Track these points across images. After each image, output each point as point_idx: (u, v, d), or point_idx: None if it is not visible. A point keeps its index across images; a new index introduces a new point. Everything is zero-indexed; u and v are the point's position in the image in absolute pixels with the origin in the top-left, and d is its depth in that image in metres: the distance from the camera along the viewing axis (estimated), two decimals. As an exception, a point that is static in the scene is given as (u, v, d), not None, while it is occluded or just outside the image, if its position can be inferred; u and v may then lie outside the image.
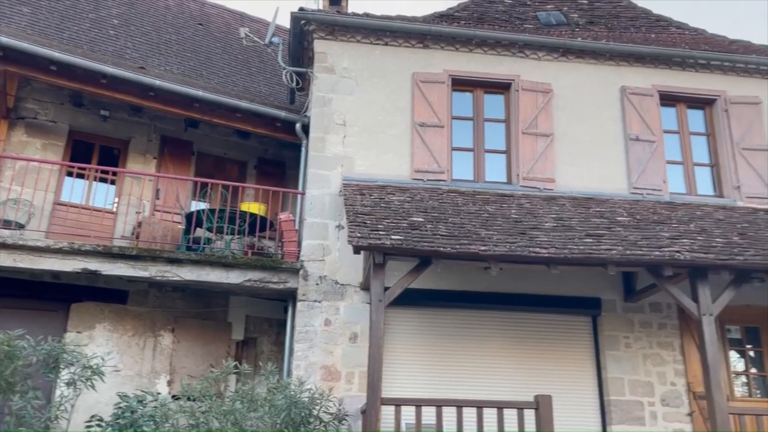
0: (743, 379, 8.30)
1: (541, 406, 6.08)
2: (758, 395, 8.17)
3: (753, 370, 8.32)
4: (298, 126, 9.06)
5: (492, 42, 9.20)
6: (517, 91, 9.06)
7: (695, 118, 9.39)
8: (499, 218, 7.40)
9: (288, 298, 8.19)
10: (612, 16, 10.89)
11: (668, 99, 9.30)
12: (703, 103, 9.39)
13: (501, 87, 9.18)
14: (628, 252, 6.50)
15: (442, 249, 6.34)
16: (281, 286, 7.93)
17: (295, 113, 9.44)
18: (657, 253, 6.51)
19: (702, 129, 9.37)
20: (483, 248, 6.40)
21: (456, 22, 9.70)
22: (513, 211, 7.76)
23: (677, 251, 6.51)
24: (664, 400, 7.72)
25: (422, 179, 8.52)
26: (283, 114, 9.34)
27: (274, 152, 10.43)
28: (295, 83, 9.79)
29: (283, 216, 8.30)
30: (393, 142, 8.64)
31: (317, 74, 8.86)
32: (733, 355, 8.36)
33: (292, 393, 6.24)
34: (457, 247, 6.40)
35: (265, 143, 10.31)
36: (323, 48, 8.98)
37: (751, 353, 8.40)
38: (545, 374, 7.79)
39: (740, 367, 8.36)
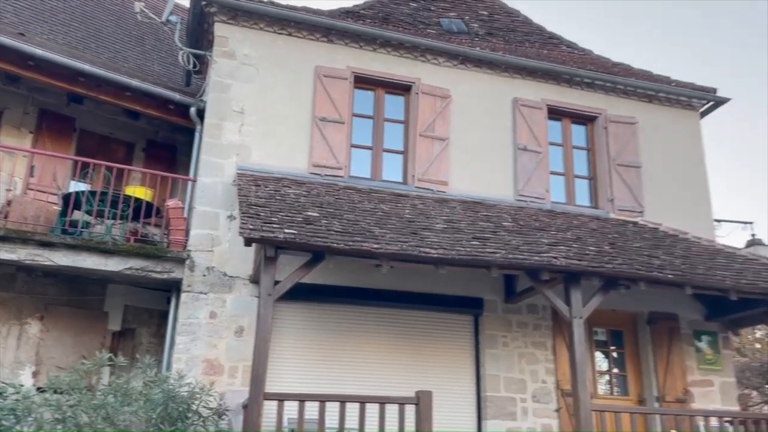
0: (607, 378, 8.99)
1: (422, 402, 6.25)
2: (618, 394, 8.88)
3: (615, 371, 9.03)
4: (192, 110, 8.73)
5: (395, 43, 9.33)
6: (417, 93, 9.25)
7: (578, 133, 10.03)
8: (393, 217, 7.52)
9: (172, 288, 7.88)
10: (509, 29, 11.38)
11: (555, 113, 9.87)
12: (585, 119, 10.05)
13: (402, 88, 9.34)
14: (510, 256, 6.83)
15: (335, 245, 6.36)
16: (165, 276, 7.62)
17: (191, 96, 9.08)
18: (536, 258, 6.89)
19: (583, 143, 10.02)
20: (376, 246, 6.48)
21: (361, 20, 9.74)
22: (407, 211, 7.92)
23: (554, 257, 6.93)
24: (535, 397, 8.20)
25: (320, 174, 8.50)
26: (177, 96, 8.96)
27: (165, 135, 9.97)
28: (192, 65, 9.43)
29: (171, 203, 7.97)
30: (292, 134, 8.55)
31: (216, 58, 8.59)
32: (599, 356, 9.03)
33: (171, 387, 6.03)
34: (351, 243, 6.44)
35: (155, 125, 9.83)
36: (224, 32, 8.72)
37: (615, 354, 9.11)
38: (429, 371, 8.02)
39: (604, 367, 9.04)
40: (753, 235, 12.21)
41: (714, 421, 7.26)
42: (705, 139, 10.33)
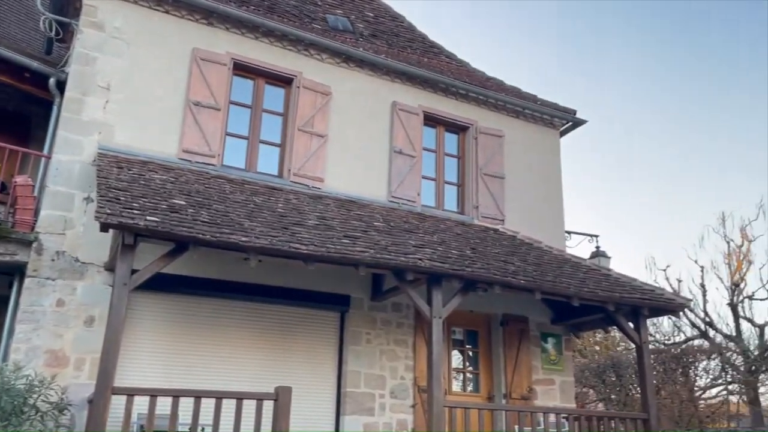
0: (462, 375, 9.46)
1: (281, 398, 6.23)
2: (470, 391, 9.38)
3: (470, 368, 9.53)
4: (51, 81, 8.06)
5: (279, 34, 9.20)
6: (299, 87, 9.19)
7: (450, 141, 10.46)
8: (265, 210, 7.42)
9: (15, 272, 7.24)
10: (393, 33, 11.62)
11: (431, 120, 10.23)
12: (458, 128, 10.50)
13: (283, 81, 9.23)
14: (378, 255, 6.99)
15: (201, 236, 6.16)
16: (7, 258, 6.98)
17: (51, 66, 8.35)
18: (403, 258, 7.10)
19: (455, 151, 10.47)
20: (244, 239, 6.36)
21: (245, 6, 9.48)
22: (280, 205, 7.85)
23: (419, 258, 7.19)
24: (393, 393, 8.45)
25: (190, 160, 8.19)
26: (34, 64, 8.22)
27: (18, 106, 9.11)
28: (54, 33, 8.69)
29: (19, 179, 7.31)
30: (162, 116, 8.17)
31: (83, 28, 8.00)
32: (455, 354, 9.48)
33: (6, 379, 5.57)
34: (218, 235, 6.27)
35: (8, 94, 8.93)
36: (93, 1, 8.13)
37: (470, 353, 9.61)
38: (292, 366, 8.03)
39: (460, 365, 9.51)
40: (597, 247, 13.37)
41: (552, 417, 7.88)
42: (563, 156, 11.19)
